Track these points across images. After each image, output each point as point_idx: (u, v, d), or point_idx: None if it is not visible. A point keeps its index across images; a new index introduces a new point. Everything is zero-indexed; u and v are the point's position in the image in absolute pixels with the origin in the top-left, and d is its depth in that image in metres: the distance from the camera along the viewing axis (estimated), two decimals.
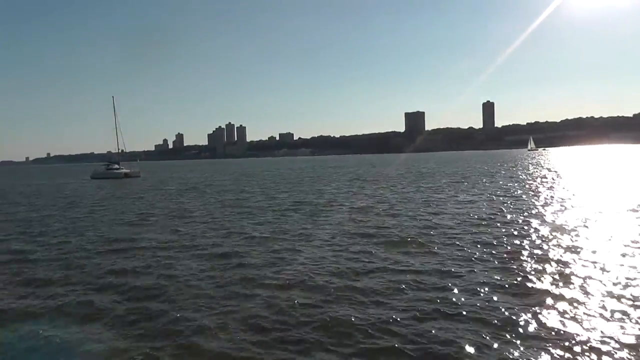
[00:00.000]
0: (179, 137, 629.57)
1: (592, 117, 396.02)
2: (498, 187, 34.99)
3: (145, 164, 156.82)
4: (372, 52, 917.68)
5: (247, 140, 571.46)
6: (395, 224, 19.15)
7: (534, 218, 19.45)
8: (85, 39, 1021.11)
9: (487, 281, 10.78)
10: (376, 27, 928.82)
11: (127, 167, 78.14)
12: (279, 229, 18.98)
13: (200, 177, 72.09)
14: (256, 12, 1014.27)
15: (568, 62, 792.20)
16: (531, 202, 24.88)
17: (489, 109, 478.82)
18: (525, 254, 13.13)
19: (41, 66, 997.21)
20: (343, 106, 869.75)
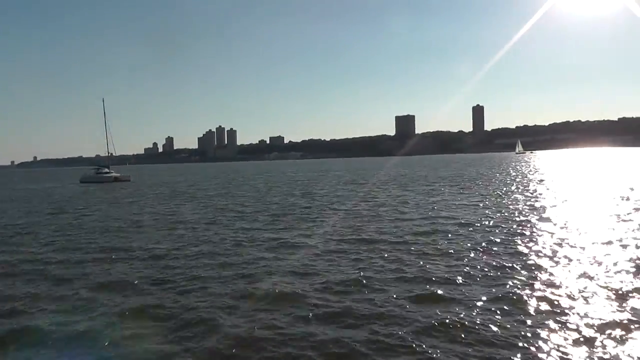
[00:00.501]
0: (169, 141, 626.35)
1: (579, 121, 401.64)
2: (482, 190, 35.04)
3: (134, 168, 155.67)
4: (363, 56, 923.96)
5: (238, 143, 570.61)
6: (379, 228, 18.99)
7: (511, 221, 19.46)
8: (73, 39, 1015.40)
9: (483, 291, 10.65)
10: (367, 31, 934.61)
11: (117, 171, 77.48)
12: (269, 237, 18.72)
13: (189, 182, 71.46)
14: (246, 16, 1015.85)
15: (557, 67, 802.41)
16: (515, 205, 24.92)
17: (479, 113, 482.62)
18: (523, 256, 13.08)
19: (27, 66, 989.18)
20: (334, 110, 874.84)
